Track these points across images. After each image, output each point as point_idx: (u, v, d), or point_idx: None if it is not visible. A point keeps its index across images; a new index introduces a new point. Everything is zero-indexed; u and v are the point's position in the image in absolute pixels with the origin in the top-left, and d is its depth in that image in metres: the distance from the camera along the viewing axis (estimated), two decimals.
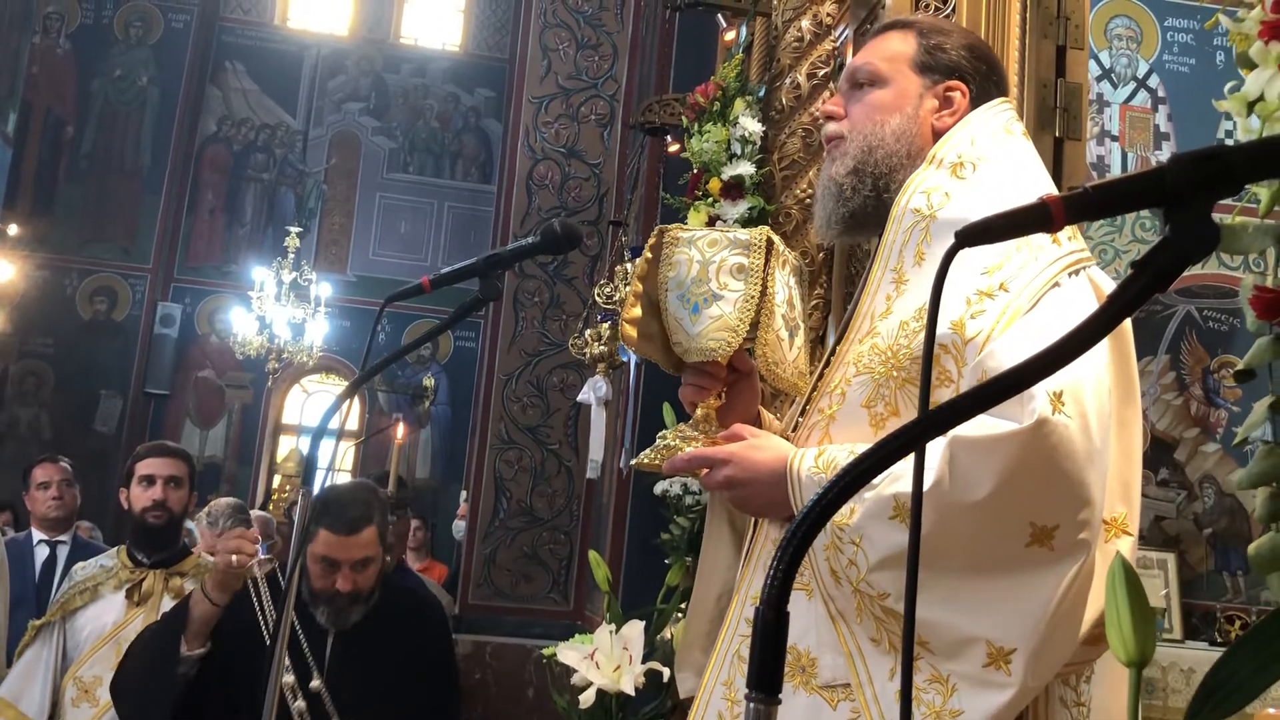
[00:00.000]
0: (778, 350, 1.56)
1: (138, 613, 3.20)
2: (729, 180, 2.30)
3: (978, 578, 1.28)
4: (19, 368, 11.57)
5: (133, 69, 12.23)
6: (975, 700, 1.28)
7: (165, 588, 3.26)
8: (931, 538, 1.29)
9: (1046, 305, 1.39)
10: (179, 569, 3.32)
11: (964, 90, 1.61)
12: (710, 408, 1.61)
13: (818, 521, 0.55)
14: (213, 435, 12.05)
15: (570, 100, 6.40)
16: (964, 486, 1.29)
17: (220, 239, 12.48)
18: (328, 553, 2.66)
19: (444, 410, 12.21)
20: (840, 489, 0.57)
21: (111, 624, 3.20)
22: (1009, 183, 1.51)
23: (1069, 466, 1.28)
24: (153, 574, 3.27)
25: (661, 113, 3.80)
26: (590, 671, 2.13)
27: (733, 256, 1.55)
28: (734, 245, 1.55)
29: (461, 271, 1.53)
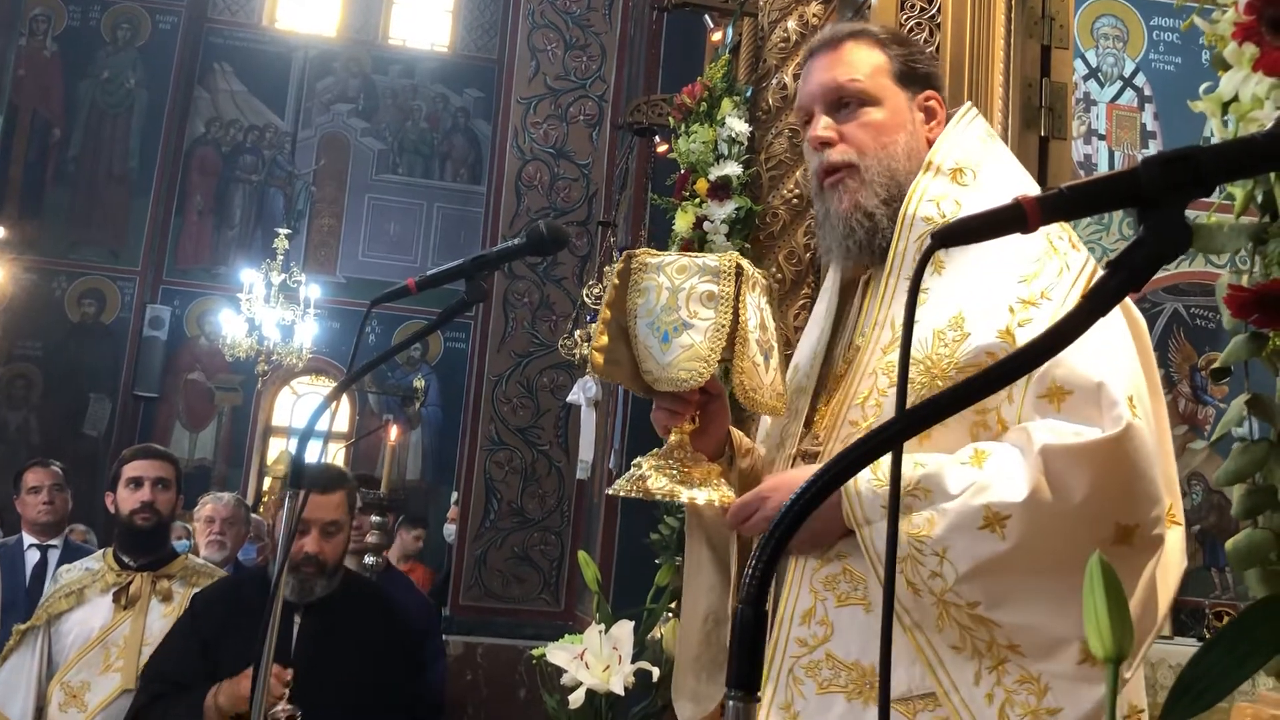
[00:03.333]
0: (754, 376, 1.55)
1: (125, 616, 3.18)
2: (716, 180, 2.31)
3: (1067, 579, 1.28)
4: (7, 371, 11.53)
5: (120, 71, 12.20)
6: (1073, 697, 1.32)
7: (153, 590, 3.23)
8: (1026, 544, 1.33)
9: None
10: (167, 571, 3.29)
11: (939, 100, 1.62)
12: (684, 432, 1.61)
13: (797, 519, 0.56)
14: (202, 438, 12.02)
15: (559, 101, 6.40)
16: (1063, 494, 1.31)
17: (209, 241, 12.44)
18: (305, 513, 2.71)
19: (434, 412, 12.20)
20: (819, 488, 0.57)
21: (99, 628, 3.16)
22: (1010, 185, 1.52)
23: (1146, 468, 1.33)
24: (140, 576, 3.24)
25: (650, 113, 3.81)
26: (580, 672, 2.14)
27: (702, 284, 1.54)
28: (703, 272, 1.54)
29: (448, 273, 1.54)
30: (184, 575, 3.30)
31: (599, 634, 2.18)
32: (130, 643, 3.14)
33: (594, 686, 2.11)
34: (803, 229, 2.36)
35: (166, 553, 3.36)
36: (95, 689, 3.10)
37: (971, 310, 1.45)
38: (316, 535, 2.77)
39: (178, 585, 3.25)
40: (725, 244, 2.29)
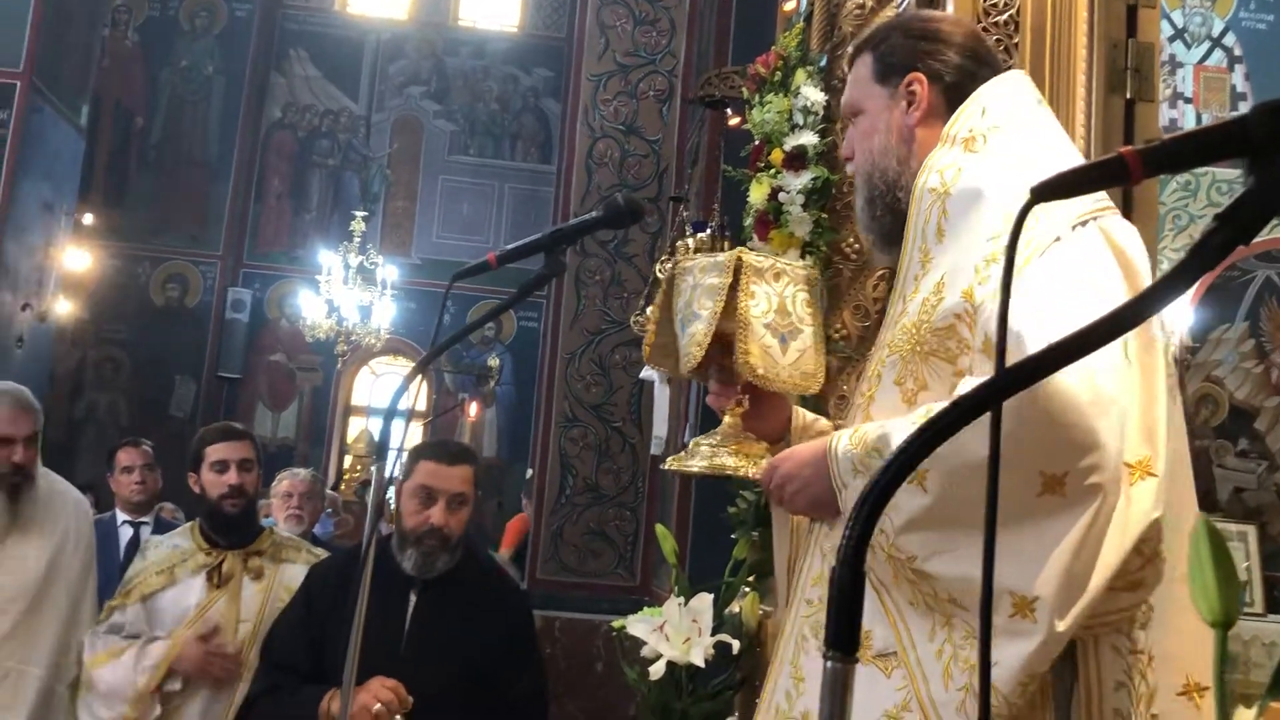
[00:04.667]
0: (763, 359, 1.71)
1: (220, 595, 3.15)
2: (791, 151, 2.28)
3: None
4: (96, 354, 11.88)
5: (198, 59, 12.45)
6: (1005, 650, 1.30)
7: (245, 568, 3.19)
8: (946, 495, 1.34)
9: (1043, 261, 1.40)
10: (256, 548, 3.25)
11: (920, 79, 1.64)
12: (735, 414, 1.77)
13: (892, 483, 0.55)
14: (284, 417, 12.29)
15: (628, 77, 6.37)
16: (964, 448, 1.30)
17: (287, 225, 12.68)
18: (427, 480, 2.71)
19: (508, 390, 12.31)
20: (919, 445, 0.56)
21: (195, 606, 3.13)
22: (1021, 148, 1.53)
23: (1071, 415, 1.29)
24: (231, 555, 3.19)
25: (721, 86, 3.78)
26: (660, 644, 2.14)
27: (708, 279, 1.74)
28: (712, 268, 1.74)
29: (527, 247, 1.54)
30: (273, 552, 3.26)
31: (678, 606, 2.18)
32: (227, 621, 3.10)
33: (674, 658, 2.11)
34: None
35: (254, 529, 3.33)
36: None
37: (950, 274, 1.48)
38: (443, 506, 2.72)
39: (268, 562, 3.21)
40: (801, 214, 2.26)
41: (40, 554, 3.14)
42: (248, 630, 3.09)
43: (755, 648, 2.23)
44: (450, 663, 2.66)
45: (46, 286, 7.94)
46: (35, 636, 3.10)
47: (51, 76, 7.57)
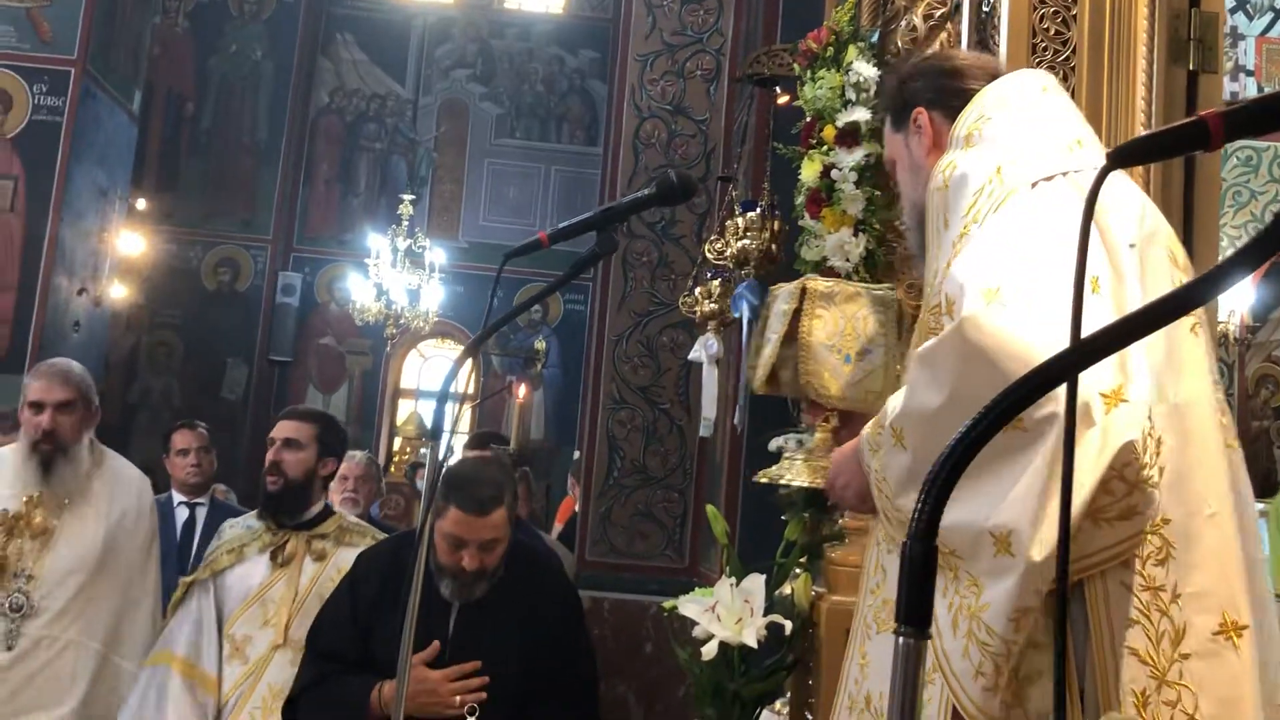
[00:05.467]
0: (820, 378, 1.97)
1: (281, 574, 3.19)
2: (844, 127, 2.25)
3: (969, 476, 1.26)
4: (150, 339, 12.07)
5: (247, 44, 12.57)
6: (993, 589, 1.33)
7: (308, 550, 3.22)
8: (921, 449, 1.41)
9: (996, 216, 1.47)
10: (320, 531, 3.28)
11: (921, 111, 1.75)
12: (825, 429, 2.01)
13: (967, 451, 0.53)
14: (335, 400, 12.42)
15: (675, 56, 6.32)
16: (920, 399, 1.40)
17: (336, 209, 12.78)
18: (455, 531, 2.63)
19: (555, 373, 12.35)
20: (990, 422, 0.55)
21: (258, 584, 3.18)
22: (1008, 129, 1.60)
23: (1014, 350, 1.31)
24: (295, 536, 3.24)
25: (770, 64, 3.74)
26: (711, 624, 2.13)
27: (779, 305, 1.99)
28: (784, 296, 1.98)
29: (578, 225, 1.53)
30: (337, 535, 3.28)
31: (730, 587, 2.17)
32: (284, 600, 3.15)
33: (726, 639, 2.10)
34: None
35: (319, 512, 3.31)
36: (255, 643, 3.12)
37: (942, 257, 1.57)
38: (475, 552, 2.64)
39: (330, 545, 3.24)
40: (854, 192, 2.23)
41: (98, 529, 3.21)
42: (296, 609, 3.13)
43: (808, 629, 2.22)
44: (494, 671, 2.63)
45: (101, 271, 8.07)
46: (93, 610, 3.17)
47: (105, 64, 7.68)
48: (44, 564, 3.15)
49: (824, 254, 2.25)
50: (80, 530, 3.18)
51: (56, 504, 3.20)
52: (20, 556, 3.14)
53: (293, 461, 3.20)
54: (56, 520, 3.19)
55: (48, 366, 3.30)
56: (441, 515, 2.65)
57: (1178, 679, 1.33)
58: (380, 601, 2.73)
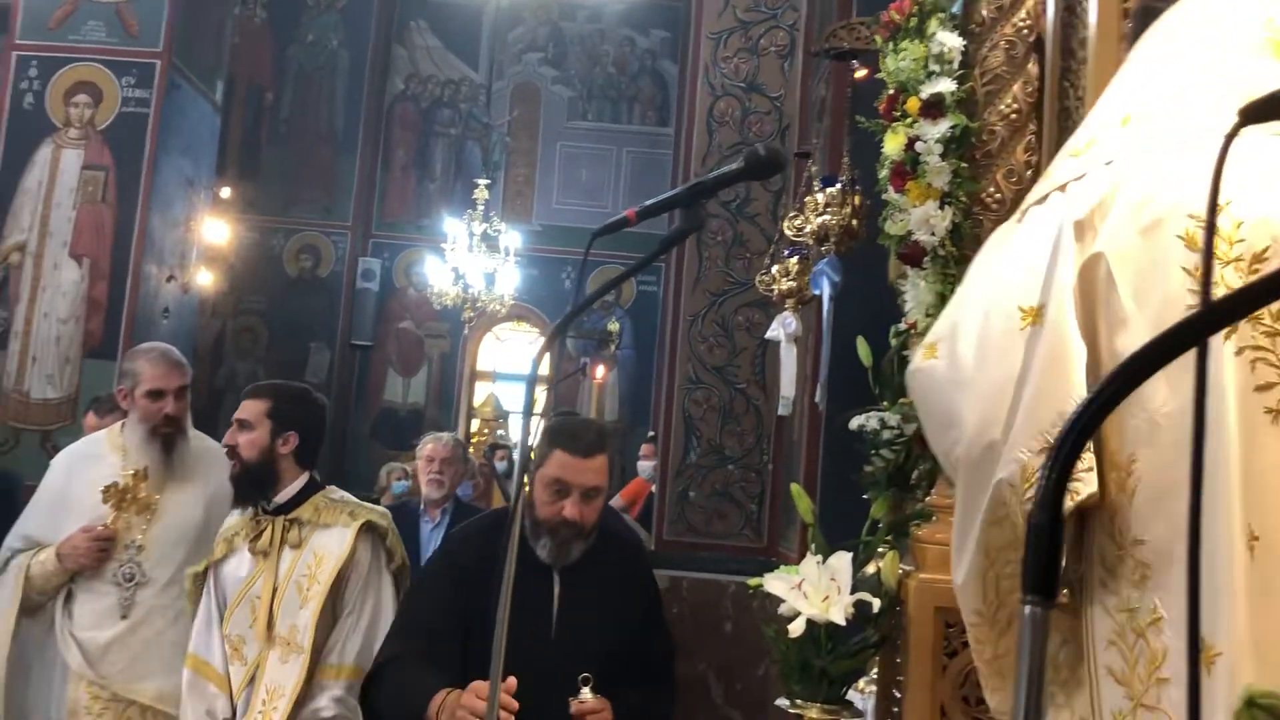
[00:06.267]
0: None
1: (264, 567, 2.96)
2: (928, 98, 2.21)
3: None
4: (236, 324, 12.36)
5: (323, 34, 12.75)
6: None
7: (283, 540, 2.97)
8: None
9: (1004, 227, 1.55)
10: (296, 516, 3.00)
11: None
12: None
13: (1093, 419, 0.52)
14: (414, 383, 12.61)
15: (749, 33, 6.28)
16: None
17: (412, 194, 12.94)
18: (561, 474, 2.58)
19: (628, 354, 12.38)
20: (1118, 385, 0.54)
21: (245, 577, 2.99)
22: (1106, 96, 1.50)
23: (933, 396, 1.50)
24: (271, 524, 2.99)
25: (848, 37, 3.68)
26: (798, 601, 2.12)
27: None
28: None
29: (666, 202, 1.52)
30: (313, 517, 3.00)
31: (816, 565, 2.16)
32: (265, 596, 2.93)
33: (814, 617, 2.09)
34: (1022, 145, 2.24)
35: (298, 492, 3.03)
36: (249, 643, 2.93)
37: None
38: (577, 499, 2.59)
39: (306, 530, 2.98)
40: (939, 164, 2.19)
41: (197, 503, 3.32)
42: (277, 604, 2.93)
43: (895, 607, 2.20)
44: (596, 642, 2.62)
45: (189, 259, 8.28)
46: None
47: (188, 56, 7.85)
48: (151, 535, 3.28)
49: (909, 228, 2.22)
50: (182, 503, 3.30)
51: (159, 479, 3.32)
52: (129, 529, 3.26)
53: (245, 443, 2.98)
54: (160, 494, 3.31)
55: (158, 354, 3.38)
56: (544, 462, 2.62)
57: (1155, 703, 1.27)
58: (480, 587, 2.62)
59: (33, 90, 7.49)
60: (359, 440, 12.36)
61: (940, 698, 2.05)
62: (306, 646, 2.87)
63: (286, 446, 3.01)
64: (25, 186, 7.39)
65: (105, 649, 3.19)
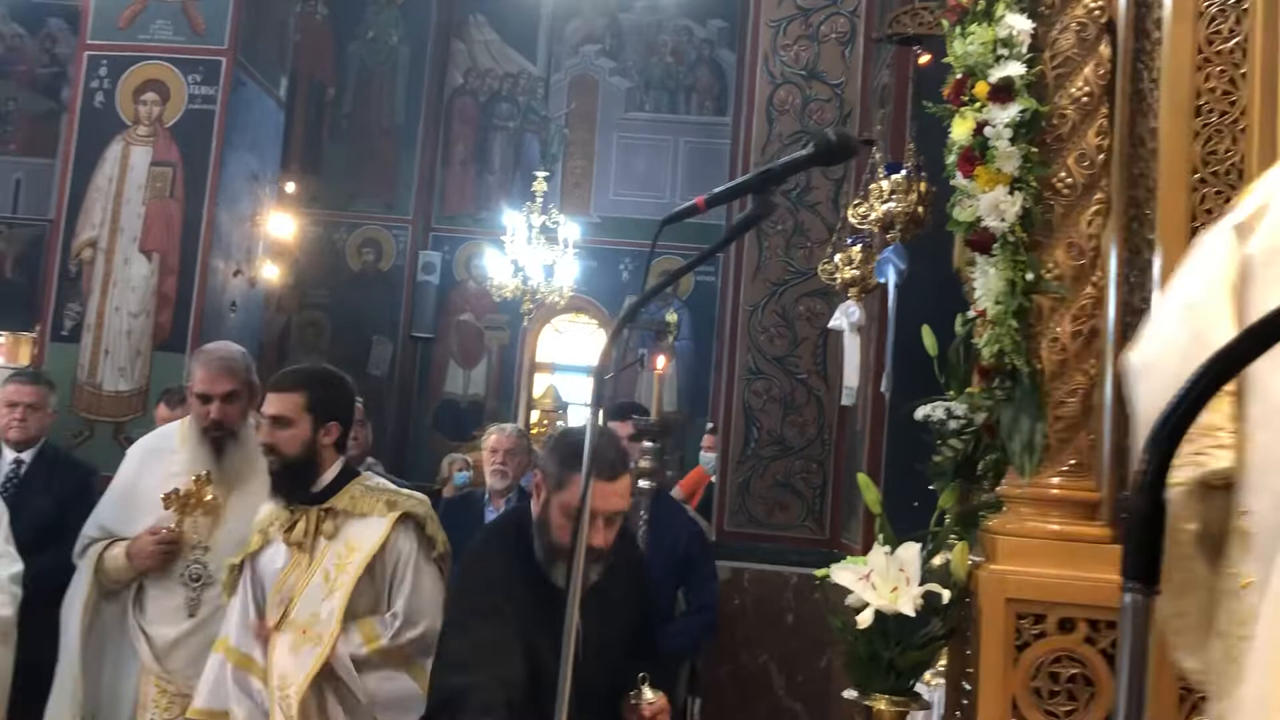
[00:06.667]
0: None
1: (299, 558, 2.89)
2: (997, 82, 2.17)
3: None
4: (300, 318, 12.54)
5: (383, 29, 12.86)
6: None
7: (318, 531, 2.89)
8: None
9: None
10: (332, 505, 2.91)
11: None
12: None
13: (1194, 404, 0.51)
14: (475, 375, 12.72)
15: (809, 20, 6.22)
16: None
17: (472, 188, 13.03)
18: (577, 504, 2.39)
19: (686, 345, 12.36)
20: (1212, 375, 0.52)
21: (280, 569, 2.91)
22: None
23: (1127, 388, 1.65)
24: (305, 514, 2.91)
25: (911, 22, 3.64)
26: (866, 592, 2.11)
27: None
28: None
29: (736, 189, 1.51)
30: (350, 505, 2.91)
31: (884, 555, 2.14)
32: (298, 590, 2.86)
33: (882, 608, 2.08)
34: (1094, 129, 2.19)
35: (334, 479, 2.97)
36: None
37: None
38: (601, 526, 2.50)
39: (341, 520, 2.90)
40: (1009, 149, 2.15)
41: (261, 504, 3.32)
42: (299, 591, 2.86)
43: (964, 599, 2.18)
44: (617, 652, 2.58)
45: (255, 253, 8.41)
46: None
47: (253, 53, 7.97)
48: (217, 537, 3.30)
49: (978, 214, 2.18)
50: (247, 505, 3.27)
51: (225, 481, 3.34)
52: (196, 530, 3.31)
53: (286, 439, 2.88)
54: (226, 496, 3.33)
55: (211, 356, 3.39)
56: (564, 486, 2.50)
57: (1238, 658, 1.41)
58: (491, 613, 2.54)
59: (103, 89, 7.65)
60: (421, 431, 12.50)
61: (1012, 690, 2.03)
62: (325, 639, 2.77)
63: (329, 437, 2.94)
64: (96, 183, 7.56)
65: (171, 645, 3.25)
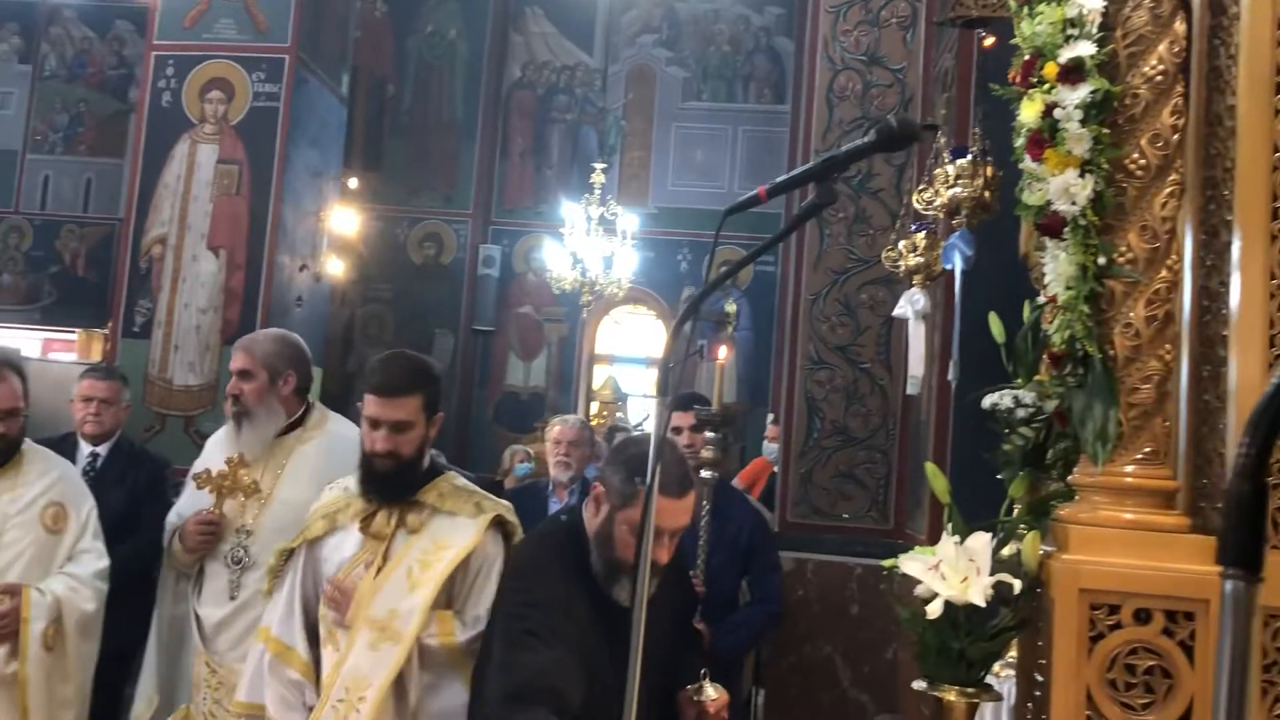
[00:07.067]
0: None
1: (375, 549, 2.81)
2: (1067, 63, 2.12)
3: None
4: (364, 312, 12.71)
5: (442, 24, 12.96)
6: None
7: (401, 523, 2.82)
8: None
9: None
10: (418, 499, 2.85)
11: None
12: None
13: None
14: (535, 366, 12.80)
15: (869, 5, 6.14)
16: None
17: (531, 181, 13.10)
18: (657, 521, 2.35)
19: (746, 335, 12.31)
20: None
21: (349, 558, 2.84)
22: None
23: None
24: (387, 506, 2.86)
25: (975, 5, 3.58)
26: (935, 582, 2.08)
27: None
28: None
29: (798, 178, 1.50)
30: (437, 502, 2.85)
31: (954, 545, 2.11)
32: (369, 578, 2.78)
33: (952, 598, 2.05)
34: (1169, 108, 2.13)
35: (424, 476, 2.90)
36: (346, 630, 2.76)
37: None
38: (666, 542, 2.46)
39: (427, 515, 2.84)
40: (1079, 131, 2.10)
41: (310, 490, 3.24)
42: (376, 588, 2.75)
43: (1035, 589, 2.14)
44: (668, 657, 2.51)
45: (319, 249, 8.53)
46: None
47: (314, 50, 8.07)
48: (261, 522, 3.34)
49: (1047, 197, 2.14)
50: (294, 491, 3.31)
51: (264, 464, 3.39)
52: (242, 513, 3.36)
53: (406, 442, 2.79)
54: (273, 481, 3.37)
55: (244, 338, 3.57)
56: (631, 503, 2.45)
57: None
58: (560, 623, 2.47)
59: (169, 89, 7.80)
60: (482, 423, 12.61)
61: (1085, 682, 1.99)
62: (406, 636, 2.67)
63: (434, 430, 2.91)
64: (165, 181, 7.71)
65: (217, 627, 3.32)
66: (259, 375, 3.42)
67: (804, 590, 5.80)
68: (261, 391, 3.41)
